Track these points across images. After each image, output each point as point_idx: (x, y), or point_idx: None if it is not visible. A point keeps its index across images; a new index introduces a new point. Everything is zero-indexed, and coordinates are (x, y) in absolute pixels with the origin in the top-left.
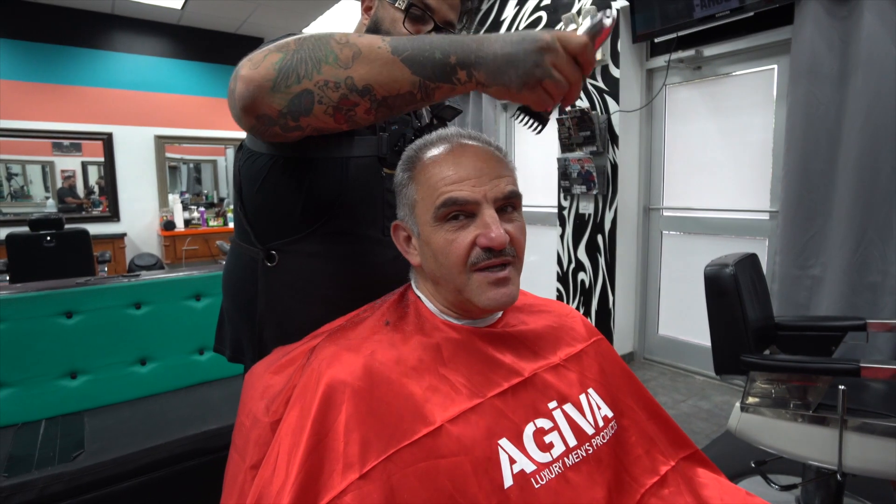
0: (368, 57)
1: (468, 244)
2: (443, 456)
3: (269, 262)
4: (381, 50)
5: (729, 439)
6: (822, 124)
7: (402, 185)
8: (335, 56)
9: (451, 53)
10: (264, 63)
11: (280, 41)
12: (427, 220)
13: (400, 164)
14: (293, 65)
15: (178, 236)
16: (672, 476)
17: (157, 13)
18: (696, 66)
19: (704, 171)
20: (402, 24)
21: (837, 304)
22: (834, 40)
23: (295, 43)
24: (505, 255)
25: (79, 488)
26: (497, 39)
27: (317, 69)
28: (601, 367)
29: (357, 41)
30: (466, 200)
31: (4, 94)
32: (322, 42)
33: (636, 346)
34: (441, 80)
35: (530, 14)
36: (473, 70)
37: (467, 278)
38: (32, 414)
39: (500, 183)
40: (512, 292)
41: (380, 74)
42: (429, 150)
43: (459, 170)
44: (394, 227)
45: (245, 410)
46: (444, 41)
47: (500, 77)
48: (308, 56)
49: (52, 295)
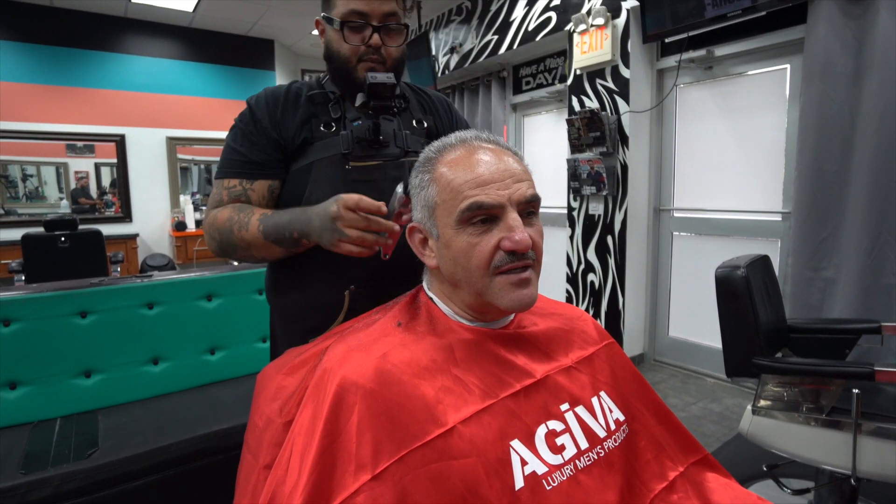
0: (255, 245)
1: (492, 248)
2: (455, 457)
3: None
4: (258, 238)
5: (740, 442)
6: (835, 124)
7: (420, 187)
8: (239, 246)
9: (293, 231)
10: (211, 246)
11: (210, 227)
12: (449, 224)
13: (417, 166)
14: (223, 250)
15: (189, 237)
16: (680, 482)
17: (170, 16)
18: (708, 66)
19: (715, 172)
20: (343, 42)
21: (851, 307)
22: (848, 39)
23: (218, 234)
24: (527, 258)
25: (93, 486)
26: (316, 216)
27: (234, 252)
28: (612, 370)
29: (245, 235)
30: (492, 204)
31: (20, 97)
32: (229, 238)
33: (646, 348)
34: (295, 247)
35: (540, 14)
36: (308, 237)
37: (490, 281)
38: (48, 412)
39: (522, 187)
40: (533, 294)
41: (266, 252)
42: (449, 152)
43: (483, 173)
44: (409, 230)
45: (258, 411)
46: (290, 224)
47: (322, 241)
48: (226, 245)
49: (66, 295)
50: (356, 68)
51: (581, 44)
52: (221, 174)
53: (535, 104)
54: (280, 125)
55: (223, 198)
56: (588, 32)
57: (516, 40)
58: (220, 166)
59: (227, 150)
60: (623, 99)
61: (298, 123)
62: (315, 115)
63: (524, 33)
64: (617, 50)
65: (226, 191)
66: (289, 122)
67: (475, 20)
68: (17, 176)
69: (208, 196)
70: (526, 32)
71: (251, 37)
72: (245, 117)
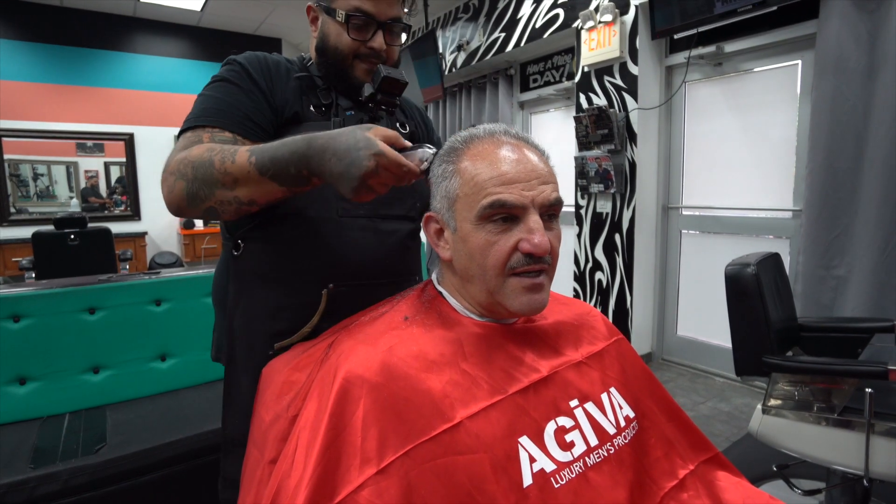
0: (243, 180)
1: (510, 248)
2: (461, 453)
3: (236, 251)
4: (251, 173)
5: (749, 442)
6: (848, 121)
7: (442, 177)
8: (220, 182)
9: (302, 168)
10: (175, 190)
11: (180, 163)
12: (468, 218)
13: (441, 155)
14: (194, 190)
15: (197, 235)
16: (690, 480)
17: (178, 15)
18: (717, 62)
19: (725, 170)
20: (346, 35)
21: (863, 306)
22: (862, 34)
23: (191, 170)
24: (544, 262)
25: (101, 481)
26: (332, 156)
27: (212, 193)
28: (622, 366)
29: (231, 168)
30: (514, 204)
31: (30, 97)
32: (209, 171)
33: (654, 347)
34: (301, 185)
35: (547, 11)
36: (321, 178)
37: (503, 281)
38: (57, 407)
39: (547, 189)
40: (544, 299)
41: (257, 192)
42: (476, 144)
43: (508, 171)
44: (426, 219)
45: (264, 406)
46: (294, 157)
47: (340, 188)
48: (202, 184)
49: (75, 291)
50: (353, 65)
51: (589, 41)
52: (203, 121)
53: (542, 102)
54: (273, 93)
55: (203, 140)
56: (596, 29)
57: (524, 38)
58: (200, 114)
59: (214, 101)
60: (631, 96)
61: (290, 97)
62: (304, 94)
63: (532, 30)
64: (625, 46)
65: (208, 135)
66: (281, 93)
67: (482, 18)
68: (28, 175)
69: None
70: (533, 30)
71: (259, 35)
72: (238, 73)
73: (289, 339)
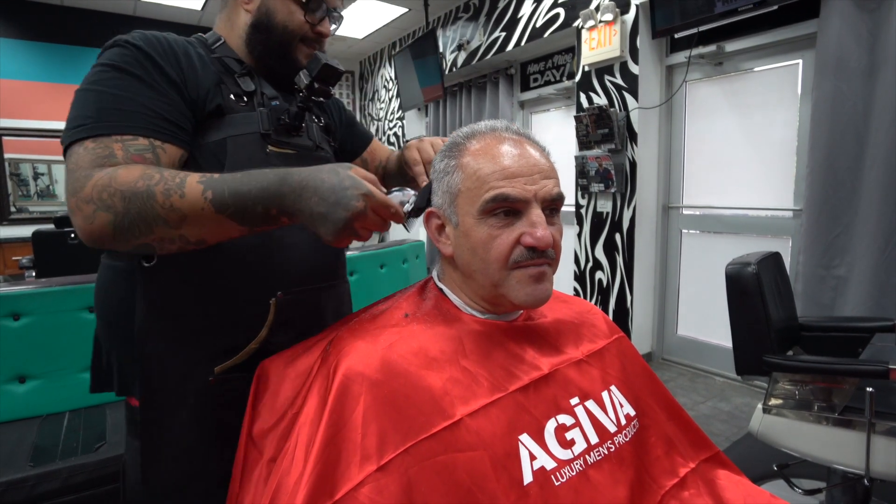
0: (194, 218)
1: (512, 242)
2: (461, 450)
3: (147, 261)
4: (206, 210)
5: (750, 442)
6: (848, 120)
7: (444, 173)
8: (164, 220)
9: (271, 207)
10: (97, 222)
11: (103, 191)
12: (470, 212)
13: (442, 150)
14: (126, 226)
15: None
16: (691, 478)
17: (178, 14)
18: (718, 61)
19: (725, 169)
20: (299, 15)
21: (864, 305)
22: (862, 33)
23: (121, 202)
24: (546, 256)
25: (101, 479)
26: (313, 195)
27: (150, 230)
28: (623, 364)
29: (179, 204)
30: (517, 198)
31: (30, 96)
32: (147, 205)
33: (654, 347)
34: (266, 225)
35: (548, 11)
36: (294, 218)
37: (506, 275)
38: (57, 406)
39: (549, 184)
40: (548, 291)
41: (210, 231)
42: (477, 140)
43: (511, 165)
44: (427, 214)
45: (264, 405)
46: (263, 193)
47: (320, 230)
48: (138, 219)
49: (74, 290)
50: (297, 48)
51: (589, 40)
52: (105, 127)
53: (542, 101)
54: (187, 83)
55: (116, 154)
56: (596, 28)
57: (524, 37)
58: (98, 116)
59: (112, 99)
60: (632, 95)
61: (209, 86)
62: (222, 82)
63: (532, 30)
64: (626, 46)
65: (119, 145)
66: (197, 81)
67: (483, 17)
68: (29, 174)
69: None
70: (534, 29)
71: None
72: (136, 61)
73: (232, 359)
